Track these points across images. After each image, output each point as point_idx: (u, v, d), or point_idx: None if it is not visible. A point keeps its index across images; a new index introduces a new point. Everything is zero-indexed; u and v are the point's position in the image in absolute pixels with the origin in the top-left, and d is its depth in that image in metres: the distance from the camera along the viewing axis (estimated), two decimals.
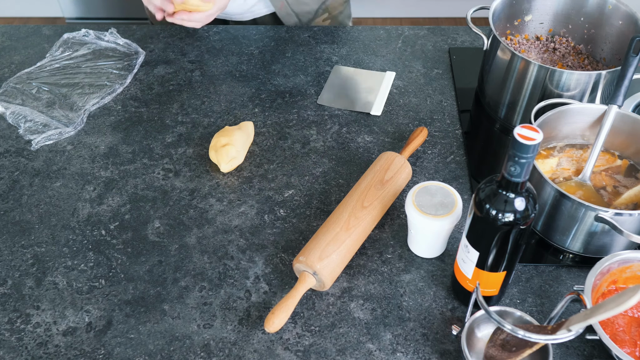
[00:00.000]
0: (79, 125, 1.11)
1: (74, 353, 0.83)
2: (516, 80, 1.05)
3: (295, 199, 1.00)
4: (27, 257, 0.93)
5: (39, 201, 1.00)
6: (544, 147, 0.99)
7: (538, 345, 0.73)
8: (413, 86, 1.19)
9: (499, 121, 1.13)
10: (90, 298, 0.88)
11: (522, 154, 0.66)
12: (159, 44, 1.28)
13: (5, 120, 1.13)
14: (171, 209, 0.99)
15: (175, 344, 0.83)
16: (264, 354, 0.82)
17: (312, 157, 1.07)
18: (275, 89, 1.19)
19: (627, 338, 0.80)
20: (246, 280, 0.90)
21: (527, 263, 0.91)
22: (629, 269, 0.84)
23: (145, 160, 1.06)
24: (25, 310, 0.87)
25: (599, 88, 1.02)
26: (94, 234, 0.96)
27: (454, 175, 1.03)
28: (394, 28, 1.33)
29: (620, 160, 0.98)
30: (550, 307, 0.86)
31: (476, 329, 0.81)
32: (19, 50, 1.26)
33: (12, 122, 1.12)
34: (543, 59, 1.16)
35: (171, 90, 1.18)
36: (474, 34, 1.30)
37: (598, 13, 1.12)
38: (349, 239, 0.88)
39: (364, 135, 1.10)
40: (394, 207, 0.99)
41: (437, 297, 0.88)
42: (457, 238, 0.94)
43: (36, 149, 1.08)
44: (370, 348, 0.83)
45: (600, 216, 0.83)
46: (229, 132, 1.04)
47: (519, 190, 0.71)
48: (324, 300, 0.88)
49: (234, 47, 1.27)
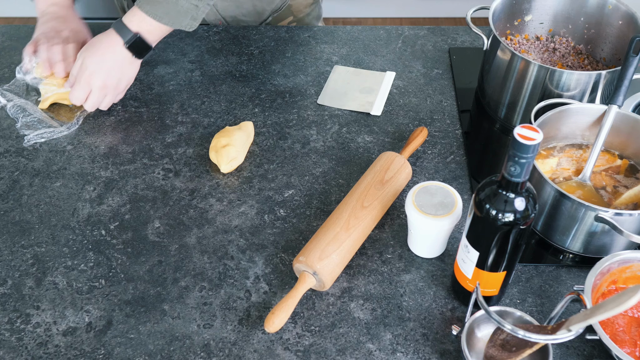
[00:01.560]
0: (74, 126, 1.11)
1: (74, 353, 0.83)
2: (516, 80, 1.05)
3: (295, 199, 1.00)
4: (27, 257, 0.93)
5: (39, 201, 1.00)
6: (544, 147, 0.99)
7: (538, 345, 0.73)
8: (413, 86, 1.19)
9: (499, 121, 1.13)
10: (90, 298, 0.88)
11: (522, 154, 0.66)
12: (159, 44, 1.28)
13: (5, 120, 1.13)
14: (171, 209, 0.99)
15: (175, 344, 0.83)
16: (264, 354, 0.82)
17: (312, 157, 1.07)
18: (275, 89, 1.19)
19: (627, 338, 0.80)
20: (246, 280, 0.90)
21: (527, 263, 0.91)
22: (629, 269, 0.84)
23: (145, 160, 1.06)
24: (25, 310, 0.87)
25: (599, 88, 1.02)
26: (94, 234, 0.96)
27: (454, 175, 1.03)
28: (394, 28, 1.33)
29: (620, 160, 0.98)
30: (550, 307, 0.86)
31: (476, 329, 0.81)
32: (19, 50, 1.26)
33: (12, 114, 1.12)
34: (543, 59, 1.16)
35: (171, 90, 1.18)
36: (474, 34, 1.30)
37: (598, 13, 1.12)
38: (349, 239, 0.88)
39: (364, 135, 1.10)
40: (394, 207, 0.99)
41: (437, 297, 0.88)
42: (457, 238, 0.94)
43: (33, 148, 1.08)
44: (370, 348, 0.83)
45: (600, 216, 0.83)
46: (229, 132, 1.04)
47: (519, 190, 0.71)
48: (324, 300, 0.88)
49: (234, 47, 1.27)
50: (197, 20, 1.07)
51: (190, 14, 1.05)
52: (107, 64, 1.07)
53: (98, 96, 1.09)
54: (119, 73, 1.08)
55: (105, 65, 1.07)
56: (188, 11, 1.05)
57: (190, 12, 1.05)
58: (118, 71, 1.08)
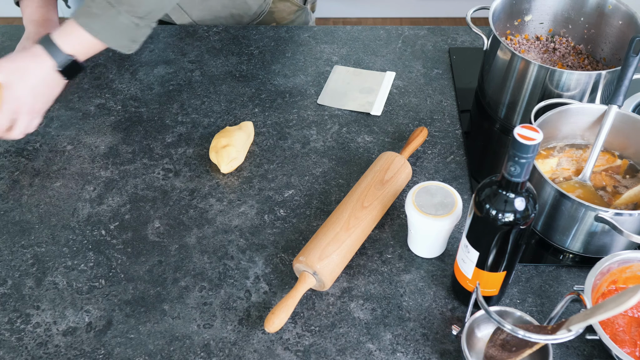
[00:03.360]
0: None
1: (74, 353, 0.83)
2: (516, 80, 1.05)
3: (295, 199, 1.00)
4: (27, 257, 0.93)
5: (39, 201, 1.00)
6: (544, 147, 0.99)
7: (538, 345, 0.73)
8: (413, 86, 1.19)
9: (499, 121, 1.13)
10: (90, 298, 0.88)
11: (522, 154, 0.66)
12: (159, 44, 1.28)
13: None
14: (171, 209, 0.99)
15: (175, 344, 0.83)
16: (264, 354, 0.82)
17: (312, 157, 1.07)
18: (275, 89, 1.19)
19: (627, 338, 0.80)
20: (246, 280, 0.90)
21: (527, 263, 0.91)
22: (629, 269, 0.84)
23: (145, 160, 1.06)
24: (25, 310, 0.87)
25: (599, 88, 1.02)
26: (94, 234, 0.96)
27: (454, 175, 1.03)
28: (394, 28, 1.33)
29: (620, 160, 0.98)
30: (550, 307, 0.86)
31: (476, 329, 0.81)
32: None
33: None
34: (543, 59, 1.16)
35: (171, 90, 1.18)
36: (474, 34, 1.30)
37: (598, 13, 1.12)
38: (349, 239, 0.88)
39: (364, 135, 1.10)
40: (394, 207, 0.99)
41: (437, 297, 0.88)
42: (457, 238, 0.94)
43: (33, 148, 1.08)
44: (370, 348, 0.83)
45: (600, 216, 0.83)
46: (229, 132, 1.04)
47: (519, 190, 0.71)
48: (324, 300, 0.88)
49: (234, 47, 1.27)
50: (136, 43, 1.00)
51: (130, 34, 0.98)
52: (36, 89, 0.97)
53: (26, 125, 1.00)
54: (47, 98, 1.00)
55: (34, 91, 0.97)
56: (128, 29, 0.97)
57: (129, 31, 0.97)
58: (46, 96, 1.00)
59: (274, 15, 1.36)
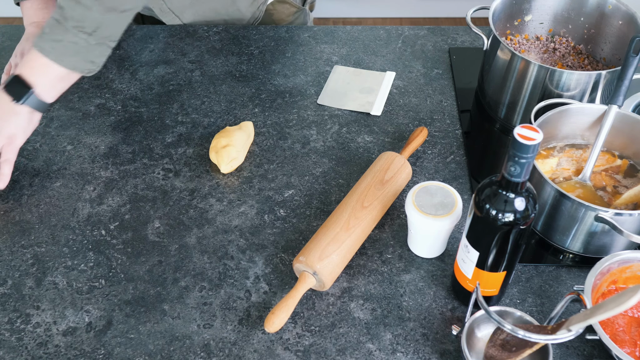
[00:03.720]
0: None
1: (74, 353, 0.83)
2: (516, 80, 1.05)
3: (295, 199, 1.00)
4: (27, 257, 0.93)
5: (39, 201, 1.00)
6: (544, 147, 0.99)
7: (538, 345, 0.73)
8: (413, 86, 1.19)
9: (499, 121, 1.13)
10: (90, 298, 0.88)
11: (522, 154, 0.66)
12: (159, 44, 1.28)
13: None
14: (171, 209, 0.99)
15: (175, 344, 0.83)
16: (264, 354, 0.82)
17: (312, 157, 1.07)
18: (275, 89, 1.19)
19: (627, 338, 0.80)
20: (246, 280, 0.90)
21: (527, 263, 0.91)
22: (629, 269, 0.84)
23: (145, 160, 1.06)
24: (25, 310, 0.87)
25: (599, 88, 1.02)
26: (94, 234, 0.96)
27: (454, 175, 1.03)
28: (394, 28, 1.33)
29: (620, 160, 0.98)
30: (550, 307, 0.86)
31: (476, 329, 0.81)
32: None
33: None
34: (543, 59, 1.16)
35: (171, 90, 1.18)
36: (474, 34, 1.30)
37: (598, 13, 1.12)
38: (349, 239, 0.88)
39: (364, 135, 1.10)
40: (394, 207, 0.99)
41: (437, 297, 0.88)
42: (457, 238, 0.94)
43: (33, 148, 1.08)
44: (370, 348, 0.83)
45: (600, 216, 0.83)
46: (229, 132, 1.04)
47: (519, 190, 0.71)
48: (324, 300, 0.88)
49: (234, 47, 1.27)
50: (94, 64, 0.96)
51: (83, 53, 0.94)
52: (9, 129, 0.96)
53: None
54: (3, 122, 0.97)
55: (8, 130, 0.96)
56: (79, 48, 0.93)
57: (81, 50, 0.93)
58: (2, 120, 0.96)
59: (273, 17, 1.35)
